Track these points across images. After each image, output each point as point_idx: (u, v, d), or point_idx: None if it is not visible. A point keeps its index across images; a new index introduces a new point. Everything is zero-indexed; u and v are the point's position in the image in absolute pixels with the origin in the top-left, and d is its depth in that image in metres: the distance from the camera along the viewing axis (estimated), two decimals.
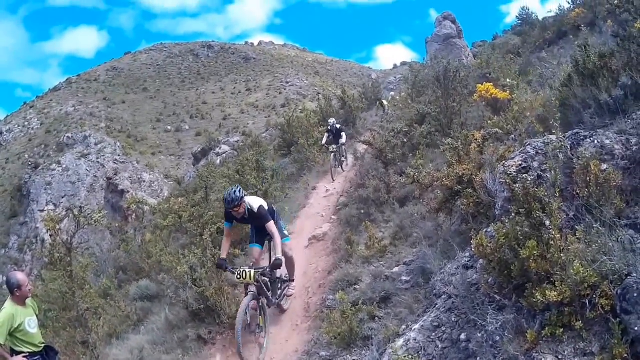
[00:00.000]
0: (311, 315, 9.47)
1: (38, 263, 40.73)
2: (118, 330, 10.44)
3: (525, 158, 5.68)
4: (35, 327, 7.09)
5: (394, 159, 13.70)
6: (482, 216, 7.17)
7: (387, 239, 10.61)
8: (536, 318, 4.55)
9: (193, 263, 9.82)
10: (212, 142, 49.48)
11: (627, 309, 4.03)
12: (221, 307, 9.40)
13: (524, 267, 4.63)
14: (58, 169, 58.36)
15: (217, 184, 17.45)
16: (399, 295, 7.82)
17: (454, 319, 5.68)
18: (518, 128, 9.23)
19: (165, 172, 76.25)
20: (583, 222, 4.91)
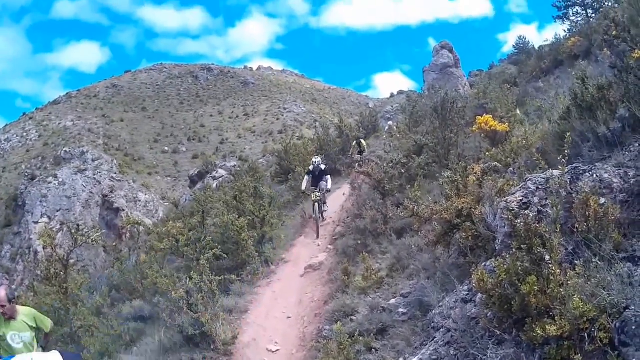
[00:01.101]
0: (307, 345, 9.47)
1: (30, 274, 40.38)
2: (110, 349, 10.37)
3: (526, 193, 5.74)
4: (21, 344, 6.92)
5: (392, 190, 13.78)
6: (481, 249, 7.21)
7: (384, 270, 10.64)
8: (535, 352, 4.58)
9: (189, 288, 9.82)
10: (209, 166, 49.43)
11: (625, 341, 4.10)
12: (216, 333, 9.39)
13: (524, 302, 4.67)
14: (54, 182, 58.00)
15: (214, 209, 17.48)
16: (396, 327, 7.84)
17: (453, 353, 5.69)
18: (517, 161, 9.29)
19: (161, 193, 76.08)
20: (582, 257, 4.96)
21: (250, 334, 10.31)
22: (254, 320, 11.01)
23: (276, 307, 11.71)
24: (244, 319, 10.91)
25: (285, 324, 10.80)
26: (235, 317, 10.83)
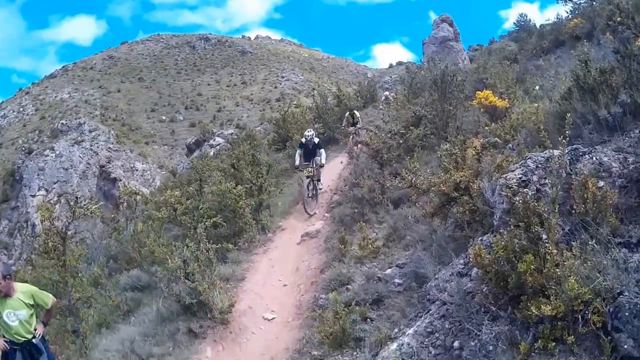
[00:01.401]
0: (302, 313, 9.50)
1: (28, 248, 40.47)
2: (108, 319, 10.39)
3: (525, 171, 5.70)
4: (17, 321, 6.97)
5: (390, 160, 13.72)
6: (477, 224, 7.21)
7: (380, 240, 10.64)
8: (529, 330, 4.59)
9: (186, 257, 9.82)
10: (206, 134, 49.25)
11: (618, 327, 4.11)
12: (213, 301, 9.40)
13: (521, 279, 4.67)
14: (51, 155, 57.92)
15: (212, 177, 17.42)
16: (392, 298, 7.86)
17: (448, 326, 5.71)
18: (516, 138, 9.24)
19: (158, 162, 76.04)
20: (579, 239, 4.95)
21: (246, 302, 10.35)
22: (250, 288, 11.04)
23: (273, 275, 11.75)
24: (240, 287, 10.94)
25: (282, 292, 10.84)
26: (232, 285, 10.85)
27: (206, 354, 8.79)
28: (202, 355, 8.77)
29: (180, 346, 8.84)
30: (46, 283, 10.14)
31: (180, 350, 8.75)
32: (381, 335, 6.70)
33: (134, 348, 8.68)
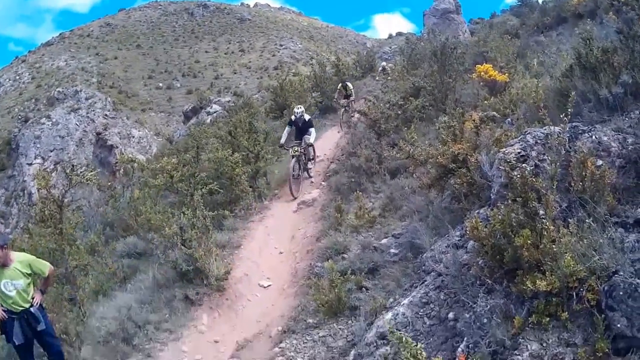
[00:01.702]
0: (298, 281, 9.55)
1: (24, 216, 40.50)
2: (104, 287, 10.40)
3: (524, 146, 5.66)
4: (14, 291, 6.96)
5: (387, 130, 13.71)
6: (474, 197, 7.18)
7: (376, 210, 10.66)
8: (524, 305, 4.59)
9: (183, 224, 9.82)
10: (203, 101, 49.03)
11: (612, 305, 4.12)
12: (209, 268, 9.43)
13: (517, 254, 4.66)
14: (47, 123, 57.64)
15: (209, 144, 17.38)
16: (387, 268, 7.88)
17: (443, 298, 5.73)
18: (515, 112, 9.20)
19: (155, 129, 75.85)
20: (576, 216, 4.94)
21: (242, 269, 10.40)
22: (246, 255, 11.08)
23: (269, 242, 11.79)
24: (236, 255, 10.98)
25: (277, 260, 10.88)
26: (228, 253, 10.88)
27: (202, 320, 8.84)
28: (198, 322, 8.83)
29: (177, 313, 8.89)
30: (43, 251, 10.12)
31: (177, 317, 8.80)
32: (376, 304, 6.73)
33: (130, 315, 8.71)
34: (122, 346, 8.11)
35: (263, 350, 7.68)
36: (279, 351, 7.33)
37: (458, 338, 5.07)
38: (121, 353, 7.99)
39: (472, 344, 4.71)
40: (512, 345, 4.39)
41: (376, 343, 5.80)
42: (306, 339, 7.41)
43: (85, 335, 8.36)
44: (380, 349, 5.63)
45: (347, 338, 7.01)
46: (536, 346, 4.28)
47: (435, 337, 5.36)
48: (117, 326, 8.49)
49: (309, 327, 7.65)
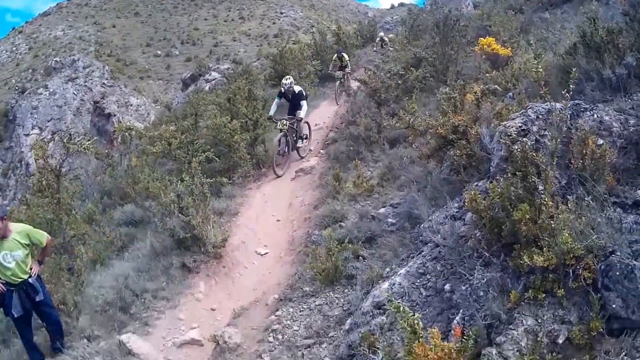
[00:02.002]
0: (295, 249, 9.54)
1: (22, 187, 40.46)
2: (102, 256, 10.40)
3: (526, 121, 5.59)
4: (13, 262, 6.98)
5: (387, 100, 13.63)
6: (473, 169, 7.13)
7: (374, 179, 10.61)
8: (520, 279, 4.57)
9: (180, 191, 9.78)
10: (202, 69, 48.67)
11: (608, 285, 4.11)
12: (207, 236, 9.41)
13: (515, 228, 4.63)
14: (45, 93, 57.10)
15: (208, 111, 17.26)
16: (384, 237, 7.85)
17: (440, 269, 5.71)
18: (517, 87, 9.10)
19: (153, 97, 75.51)
20: (575, 193, 4.91)
21: (239, 237, 10.39)
22: (243, 222, 11.07)
23: (266, 210, 11.76)
24: (234, 222, 10.96)
25: (275, 227, 10.87)
26: (226, 220, 10.88)
27: (199, 288, 8.85)
28: (195, 289, 8.84)
29: (174, 281, 8.90)
30: (40, 222, 10.12)
31: (174, 285, 8.82)
32: (373, 273, 6.71)
33: (128, 284, 8.71)
34: (119, 315, 8.13)
35: (259, 318, 7.70)
36: (275, 319, 7.34)
37: (454, 310, 5.06)
38: (118, 322, 8.02)
39: (467, 316, 4.70)
40: (507, 319, 4.38)
41: (372, 312, 5.79)
42: (302, 307, 7.42)
43: (83, 304, 8.36)
44: (376, 319, 5.62)
45: (343, 307, 7.01)
46: (531, 321, 4.27)
47: (431, 308, 5.35)
48: (114, 295, 8.49)
49: (306, 296, 7.65)
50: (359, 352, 5.33)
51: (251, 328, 7.51)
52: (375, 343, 5.21)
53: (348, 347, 5.64)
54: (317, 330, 6.73)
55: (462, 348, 3.82)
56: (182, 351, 7.52)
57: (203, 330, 7.86)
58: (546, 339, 4.14)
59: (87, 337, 7.73)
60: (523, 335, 4.21)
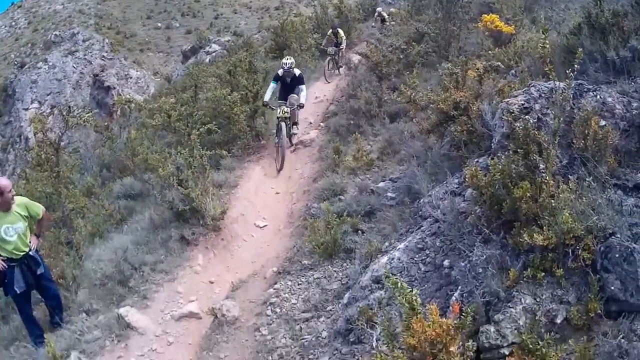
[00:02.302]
0: (294, 222, 9.53)
1: (21, 162, 40.39)
2: (101, 229, 10.36)
3: (528, 98, 5.53)
4: (15, 236, 6.90)
5: (389, 74, 13.55)
6: (474, 145, 7.11)
7: (374, 153, 10.57)
8: (520, 257, 4.56)
9: (179, 163, 9.72)
10: (203, 41, 48.43)
11: (607, 267, 4.12)
12: (206, 208, 9.37)
13: (515, 206, 4.61)
14: (44, 67, 56.73)
15: (208, 83, 17.13)
16: (383, 211, 7.82)
17: (439, 244, 5.69)
18: (520, 65, 9.01)
19: (153, 69, 75.12)
20: (576, 173, 4.89)
21: (238, 209, 10.35)
22: (243, 195, 11.02)
23: (265, 182, 11.76)
24: (233, 194, 10.91)
25: (274, 200, 10.85)
26: (225, 192, 10.82)
27: (197, 261, 8.82)
28: (193, 262, 8.81)
29: (172, 253, 8.86)
30: (40, 196, 10.08)
31: (173, 258, 8.78)
32: (372, 247, 6.69)
33: (126, 257, 8.66)
34: (118, 288, 8.10)
35: (257, 291, 7.69)
36: (273, 292, 7.33)
37: (452, 286, 5.05)
38: (117, 295, 7.99)
39: (466, 292, 4.69)
40: (506, 297, 4.37)
41: (371, 287, 5.77)
42: (301, 281, 7.41)
43: (82, 278, 8.35)
44: (374, 293, 5.60)
45: (341, 281, 7.00)
46: (530, 300, 4.27)
47: (429, 284, 5.33)
48: (113, 268, 8.46)
49: (304, 269, 7.64)
50: (357, 327, 5.33)
51: (249, 301, 7.51)
52: (374, 318, 5.20)
53: (346, 321, 5.63)
54: (315, 304, 6.73)
55: (460, 325, 3.80)
56: (180, 324, 7.50)
57: (201, 303, 7.83)
58: (544, 318, 4.15)
59: (85, 311, 7.71)
60: (521, 313, 4.21)
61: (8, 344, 7.58)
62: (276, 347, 6.27)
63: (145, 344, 7.13)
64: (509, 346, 4.14)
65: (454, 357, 3.67)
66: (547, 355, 3.84)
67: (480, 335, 4.21)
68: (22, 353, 7.16)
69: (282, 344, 6.30)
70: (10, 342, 7.64)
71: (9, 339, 7.75)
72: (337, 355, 5.46)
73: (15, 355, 7.19)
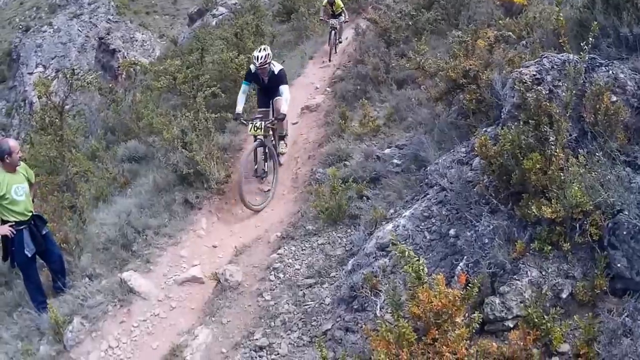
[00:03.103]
0: (298, 186, 9.46)
1: (26, 126, 40.49)
2: (105, 192, 10.35)
3: (540, 70, 5.40)
4: (23, 195, 7.05)
5: (397, 40, 13.41)
6: (482, 114, 7.04)
7: (381, 119, 10.42)
8: (527, 229, 4.49)
9: (184, 126, 9.64)
10: (209, 3, 47.91)
11: (614, 243, 4.04)
12: (210, 171, 9.35)
13: (524, 177, 4.53)
14: (49, 31, 56.55)
15: (214, 46, 16.97)
16: (389, 178, 7.71)
17: (445, 213, 5.60)
18: (531, 36, 8.86)
19: (159, 32, 74.57)
20: (585, 147, 4.81)
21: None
22: None
23: None
24: (237, 158, 10.77)
25: None
26: (229, 156, 10.72)
27: (201, 225, 8.81)
28: (197, 226, 8.80)
29: (176, 217, 8.86)
30: (43, 160, 10.05)
31: (176, 222, 8.77)
32: (377, 214, 6.62)
33: (130, 220, 8.66)
34: (121, 252, 8.11)
35: (261, 256, 7.66)
36: (277, 257, 7.29)
37: (457, 256, 4.98)
38: (120, 260, 8.01)
39: (471, 263, 4.63)
40: (512, 269, 4.32)
41: (375, 254, 5.71)
42: (304, 246, 7.36)
43: (85, 242, 8.36)
44: (379, 260, 5.54)
45: (345, 247, 6.95)
46: (536, 273, 4.22)
47: (434, 253, 5.26)
48: (116, 232, 8.46)
49: (308, 234, 7.58)
50: (361, 294, 5.28)
51: (252, 266, 7.48)
52: (378, 285, 5.15)
53: (350, 288, 5.58)
54: (319, 270, 6.68)
55: (466, 296, 3.73)
56: (183, 289, 7.51)
57: (204, 267, 7.84)
58: (550, 292, 4.10)
59: (88, 275, 7.74)
60: (527, 286, 4.17)
61: (11, 310, 7.65)
62: (279, 312, 6.26)
63: (147, 308, 7.16)
64: (513, 319, 4.11)
65: (459, 328, 3.62)
66: (551, 330, 3.81)
67: (485, 307, 4.18)
68: (25, 319, 7.22)
69: (285, 309, 6.28)
70: (13, 308, 7.71)
71: (12, 305, 7.83)
72: (340, 322, 5.43)
73: (18, 321, 7.24)
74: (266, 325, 6.16)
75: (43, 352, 6.60)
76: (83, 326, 6.82)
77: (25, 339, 6.89)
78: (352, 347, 4.95)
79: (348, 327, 5.29)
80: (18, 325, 7.15)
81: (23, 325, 7.11)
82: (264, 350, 5.81)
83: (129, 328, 6.91)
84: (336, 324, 5.48)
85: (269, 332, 6.04)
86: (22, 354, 6.56)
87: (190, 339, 6.44)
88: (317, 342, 4.00)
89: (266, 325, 6.15)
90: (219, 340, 6.34)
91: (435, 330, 3.66)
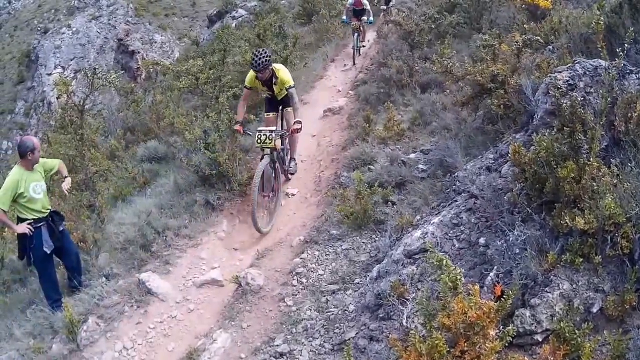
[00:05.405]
0: (322, 190, 9.33)
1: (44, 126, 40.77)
2: (124, 192, 10.31)
3: (573, 76, 5.27)
4: (42, 193, 7.08)
5: (421, 43, 13.27)
6: (510, 120, 6.92)
7: (405, 123, 10.28)
8: (559, 241, 4.35)
9: (207, 127, 9.58)
10: (229, 6, 47.98)
11: None
12: (233, 173, 9.27)
13: (558, 186, 4.38)
14: (68, 33, 56.93)
15: (236, 47, 16.93)
16: (415, 184, 7.59)
17: (474, 221, 5.44)
18: (558, 41, 8.71)
19: (178, 34, 74.89)
20: (618, 157, 4.67)
21: None
22: None
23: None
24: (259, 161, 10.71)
25: (301, 167, 10.58)
26: (252, 157, 10.60)
27: (222, 227, 8.72)
28: (218, 228, 8.71)
29: (197, 219, 8.76)
30: (63, 159, 10.03)
31: (197, 223, 8.67)
32: (403, 220, 6.49)
33: (150, 221, 8.55)
34: (140, 253, 8.01)
35: (284, 260, 7.51)
36: (300, 262, 7.15)
37: (487, 266, 4.82)
38: (139, 260, 7.91)
39: (502, 273, 4.49)
40: (543, 281, 4.18)
41: (403, 262, 5.56)
42: (328, 251, 7.20)
43: (103, 242, 8.31)
44: (407, 269, 5.39)
45: (370, 253, 6.80)
46: (567, 286, 4.08)
47: (463, 262, 5.09)
48: (135, 232, 8.36)
49: (332, 239, 7.43)
50: (388, 303, 5.13)
51: (275, 270, 7.34)
52: (405, 294, 5.00)
53: (376, 296, 5.43)
54: (343, 276, 6.54)
55: (500, 307, 3.59)
56: (201, 291, 7.42)
57: (224, 270, 7.74)
58: (582, 306, 3.98)
59: (106, 275, 7.65)
60: (558, 299, 4.04)
61: (25, 308, 7.59)
62: (301, 319, 6.12)
63: (165, 310, 7.08)
64: (543, 333, 3.99)
65: (492, 341, 3.49)
66: (582, 346, 3.66)
67: (515, 320, 4.05)
68: (39, 317, 7.14)
69: (307, 316, 6.14)
70: (27, 305, 7.65)
71: (26, 302, 7.78)
72: (365, 331, 5.29)
73: (31, 319, 7.17)
74: (287, 331, 6.03)
75: (55, 350, 6.52)
76: (98, 326, 6.76)
77: (37, 336, 6.81)
78: (377, 357, 4.84)
79: (373, 336, 5.15)
80: (31, 322, 7.08)
81: (36, 323, 7.04)
82: (285, 357, 5.67)
83: (145, 329, 6.83)
84: (360, 333, 5.34)
85: (290, 338, 5.90)
86: (33, 352, 6.49)
87: (208, 343, 6.34)
88: (345, 349, 3.86)
89: (287, 332, 6.02)
90: (238, 345, 6.22)
91: (464, 343, 3.55)
